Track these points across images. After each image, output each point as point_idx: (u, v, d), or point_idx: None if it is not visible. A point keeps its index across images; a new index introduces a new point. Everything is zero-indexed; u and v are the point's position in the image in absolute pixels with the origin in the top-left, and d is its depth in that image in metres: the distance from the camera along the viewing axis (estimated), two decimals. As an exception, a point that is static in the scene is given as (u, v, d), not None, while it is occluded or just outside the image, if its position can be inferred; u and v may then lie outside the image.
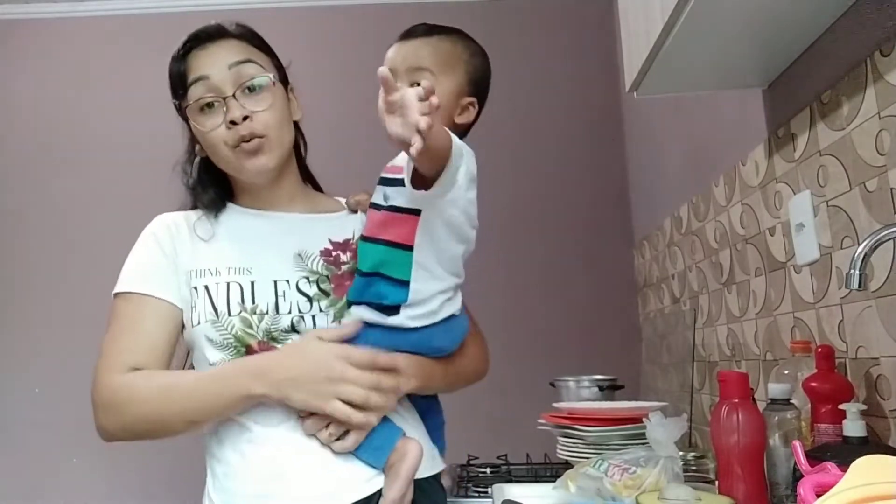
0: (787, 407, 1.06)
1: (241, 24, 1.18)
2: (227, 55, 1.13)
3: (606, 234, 2.70)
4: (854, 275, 0.88)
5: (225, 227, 1.17)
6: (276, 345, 1.08)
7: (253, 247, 1.14)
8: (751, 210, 1.56)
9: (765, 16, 1.13)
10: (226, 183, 1.22)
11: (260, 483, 1.05)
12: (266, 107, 1.12)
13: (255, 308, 1.08)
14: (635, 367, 2.40)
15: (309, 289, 1.11)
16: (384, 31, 1.20)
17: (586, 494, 1.11)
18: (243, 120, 1.09)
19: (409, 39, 1.10)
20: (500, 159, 2.65)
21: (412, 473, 1.04)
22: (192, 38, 1.15)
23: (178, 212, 1.20)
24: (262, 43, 1.19)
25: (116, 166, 2.72)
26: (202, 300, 1.09)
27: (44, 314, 2.67)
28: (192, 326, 1.10)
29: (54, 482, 2.55)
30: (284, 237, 1.16)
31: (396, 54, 1.09)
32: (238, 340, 1.07)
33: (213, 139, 1.12)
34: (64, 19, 2.89)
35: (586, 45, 2.81)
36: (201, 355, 1.10)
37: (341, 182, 1.28)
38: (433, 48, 1.08)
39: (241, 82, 1.12)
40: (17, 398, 2.62)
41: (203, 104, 1.12)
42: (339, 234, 1.17)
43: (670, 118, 2.15)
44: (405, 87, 0.91)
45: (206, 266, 1.11)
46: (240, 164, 1.12)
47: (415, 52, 1.08)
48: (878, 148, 1.07)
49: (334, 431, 1.04)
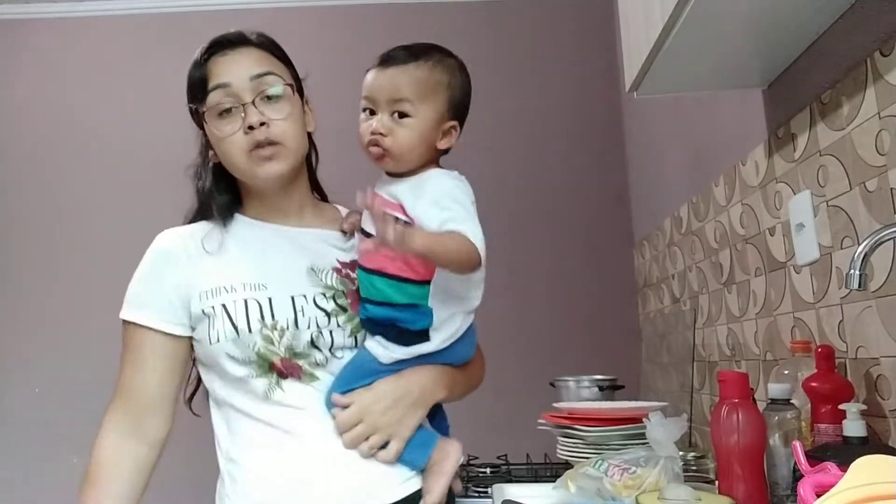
0: (787, 407, 1.06)
1: (262, 34, 1.18)
2: (249, 64, 1.13)
3: (606, 234, 2.70)
4: (854, 275, 0.88)
5: (234, 239, 1.16)
6: (299, 361, 1.07)
7: (265, 260, 1.14)
8: (751, 210, 1.56)
9: (765, 16, 1.13)
10: (236, 192, 1.21)
11: (287, 486, 1.05)
12: (284, 115, 1.12)
13: (276, 324, 1.07)
14: (635, 367, 2.40)
15: (326, 304, 1.10)
16: (385, 31, 1.20)
17: (586, 494, 1.11)
18: (260, 125, 1.10)
19: (387, 68, 1.07)
20: (501, 159, 2.66)
21: (454, 471, 1.08)
22: (213, 43, 1.15)
23: (184, 227, 1.19)
24: (282, 54, 1.19)
25: (117, 166, 2.72)
26: (220, 319, 1.07)
27: (44, 314, 2.67)
28: (211, 344, 1.08)
29: (54, 482, 2.55)
30: (295, 252, 1.15)
31: (374, 83, 1.08)
32: (261, 357, 1.06)
33: (228, 144, 1.11)
34: (64, 19, 2.89)
35: (586, 45, 2.81)
36: (221, 370, 1.09)
37: (343, 183, 1.28)
38: (410, 77, 1.06)
39: (260, 90, 1.12)
40: (17, 398, 2.62)
41: (222, 109, 1.12)
42: (346, 255, 1.18)
43: (670, 118, 2.15)
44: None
45: (220, 283, 1.10)
46: (253, 169, 1.12)
47: (391, 81, 1.06)
48: (878, 148, 1.07)
49: (375, 443, 1.06)
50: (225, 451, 1.11)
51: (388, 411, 1.06)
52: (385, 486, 1.07)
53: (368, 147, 1.08)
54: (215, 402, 1.15)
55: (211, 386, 1.14)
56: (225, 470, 1.11)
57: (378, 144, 1.06)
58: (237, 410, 1.10)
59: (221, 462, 1.12)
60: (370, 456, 1.06)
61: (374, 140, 1.06)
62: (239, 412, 1.10)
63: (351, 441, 1.06)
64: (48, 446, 2.50)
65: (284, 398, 1.07)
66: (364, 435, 1.06)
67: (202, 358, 1.13)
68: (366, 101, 1.08)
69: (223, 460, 1.11)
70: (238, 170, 1.14)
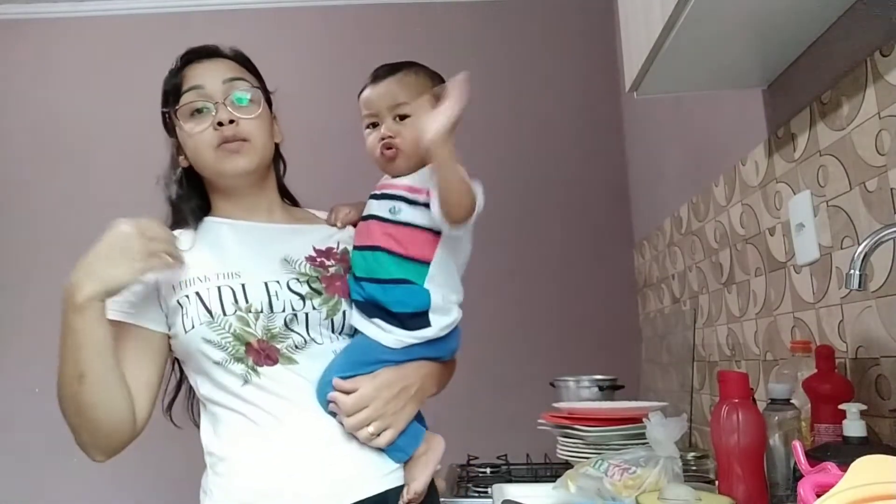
0: (787, 407, 1.06)
1: (235, 49, 1.25)
2: (222, 71, 1.19)
3: (606, 234, 2.70)
4: (854, 275, 0.88)
5: (206, 239, 1.19)
6: (276, 344, 1.09)
7: (239, 253, 1.16)
8: (751, 210, 1.56)
9: (765, 16, 1.13)
10: (206, 198, 1.24)
11: (269, 478, 1.06)
12: (253, 116, 1.17)
13: (250, 307, 1.09)
14: (635, 367, 2.40)
15: (300, 288, 1.13)
16: (386, 32, 1.20)
17: (586, 494, 1.11)
18: (229, 123, 1.14)
19: (379, 82, 1.18)
20: (501, 159, 2.65)
21: (437, 463, 1.13)
22: (188, 53, 1.21)
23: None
24: (253, 67, 1.25)
25: (117, 166, 2.72)
26: (194, 305, 1.09)
27: (44, 314, 2.65)
28: (186, 332, 1.09)
29: (54, 482, 2.56)
30: (268, 244, 1.18)
31: (373, 96, 1.18)
32: (237, 339, 1.08)
33: (197, 141, 1.16)
34: (64, 19, 2.89)
35: (586, 45, 2.81)
36: (202, 358, 1.10)
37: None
38: (401, 83, 1.18)
39: (230, 92, 1.17)
40: (17, 398, 2.62)
41: (193, 109, 1.16)
42: (321, 243, 1.21)
43: (670, 118, 2.15)
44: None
45: (193, 275, 1.12)
46: (220, 164, 1.16)
47: (387, 91, 1.17)
48: (878, 148, 1.07)
49: (376, 429, 1.08)
50: (207, 446, 1.13)
51: (392, 400, 1.10)
52: (370, 477, 1.10)
53: (382, 151, 1.16)
54: (202, 405, 1.16)
55: (196, 385, 1.15)
56: (208, 464, 1.12)
57: (391, 146, 1.16)
58: (218, 404, 1.11)
59: (206, 458, 1.13)
60: (368, 441, 1.08)
61: (387, 143, 1.16)
62: (220, 406, 1.11)
63: (353, 425, 1.08)
64: (48, 446, 2.50)
65: (263, 383, 1.09)
66: (368, 420, 1.08)
67: (181, 355, 1.15)
68: (368, 116, 1.19)
69: (207, 456, 1.13)
70: (206, 166, 1.17)
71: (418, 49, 1.50)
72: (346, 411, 1.08)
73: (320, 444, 1.08)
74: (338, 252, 1.21)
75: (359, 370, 1.10)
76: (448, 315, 1.14)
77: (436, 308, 1.12)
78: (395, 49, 1.53)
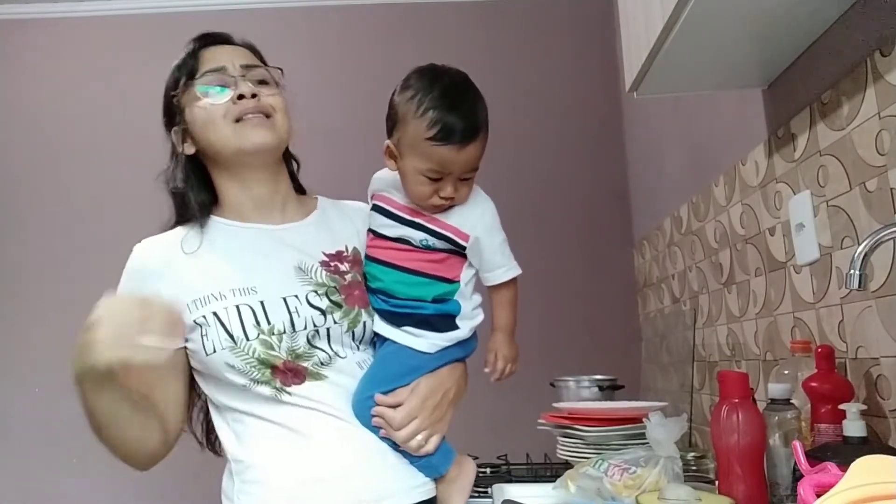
0: (787, 407, 1.06)
1: (245, 40, 1.23)
2: (240, 56, 1.17)
3: (606, 234, 2.70)
4: (854, 275, 0.88)
5: (214, 244, 1.14)
6: (302, 363, 1.08)
7: (251, 263, 1.12)
8: (751, 210, 1.56)
9: (765, 16, 1.13)
10: (212, 191, 1.19)
11: (299, 487, 1.05)
12: (275, 92, 1.15)
13: (273, 328, 1.06)
14: (635, 367, 2.40)
15: (320, 302, 1.10)
16: (386, 32, 1.20)
17: (586, 494, 1.11)
18: (252, 97, 1.11)
19: (465, 146, 1.10)
20: (501, 159, 2.63)
21: (471, 490, 1.15)
22: (203, 36, 1.18)
23: (159, 236, 1.18)
24: (263, 59, 1.23)
25: (117, 166, 2.71)
26: (214, 328, 1.06)
27: (44, 314, 2.67)
28: (207, 355, 1.07)
29: (54, 482, 2.55)
30: (280, 251, 1.14)
31: (455, 161, 1.10)
32: (262, 363, 1.06)
33: (214, 114, 1.11)
34: (64, 19, 2.88)
35: (586, 46, 2.81)
36: (223, 380, 1.08)
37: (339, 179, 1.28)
38: (480, 149, 1.13)
39: (250, 75, 1.15)
40: (17, 398, 2.62)
41: (214, 84, 1.13)
42: (330, 245, 1.18)
43: (670, 118, 2.15)
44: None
45: (208, 292, 1.09)
46: (240, 138, 1.10)
47: (469, 158, 1.11)
48: (878, 148, 1.07)
49: (424, 438, 1.09)
50: (231, 453, 1.10)
51: (436, 409, 1.11)
52: (401, 489, 1.09)
53: (434, 206, 1.13)
54: (215, 407, 1.14)
55: (209, 392, 1.13)
56: (234, 472, 1.09)
57: (444, 204, 1.13)
58: (242, 412, 1.09)
59: (232, 465, 1.10)
60: (417, 451, 1.09)
61: (443, 205, 1.13)
62: (244, 413, 1.09)
63: (404, 437, 1.08)
64: (48, 447, 2.50)
65: (293, 400, 1.07)
66: (418, 431, 1.09)
67: (198, 367, 1.12)
68: (437, 172, 1.10)
69: (230, 461, 1.11)
70: (224, 143, 1.11)
71: (419, 49, 1.51)
72: (397, 426, 1.08)
73: (351, 455, 1.07)
74: (349, 255, 1.18)
75: (397, 382, 1.11)
76: (474, 318, 1.17)
77: (464, 315, 1.15)
78: (395, 49, 1.53)
